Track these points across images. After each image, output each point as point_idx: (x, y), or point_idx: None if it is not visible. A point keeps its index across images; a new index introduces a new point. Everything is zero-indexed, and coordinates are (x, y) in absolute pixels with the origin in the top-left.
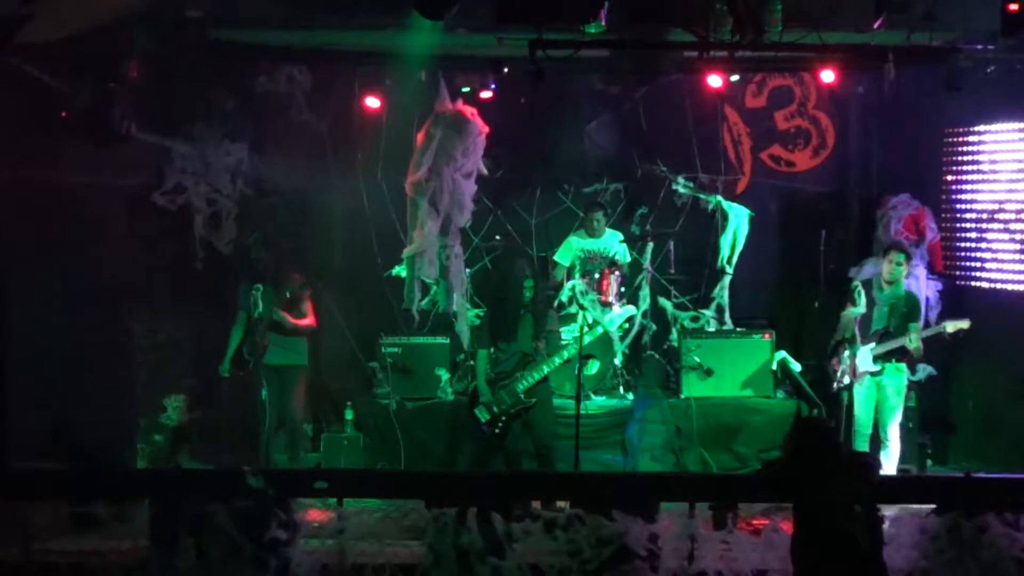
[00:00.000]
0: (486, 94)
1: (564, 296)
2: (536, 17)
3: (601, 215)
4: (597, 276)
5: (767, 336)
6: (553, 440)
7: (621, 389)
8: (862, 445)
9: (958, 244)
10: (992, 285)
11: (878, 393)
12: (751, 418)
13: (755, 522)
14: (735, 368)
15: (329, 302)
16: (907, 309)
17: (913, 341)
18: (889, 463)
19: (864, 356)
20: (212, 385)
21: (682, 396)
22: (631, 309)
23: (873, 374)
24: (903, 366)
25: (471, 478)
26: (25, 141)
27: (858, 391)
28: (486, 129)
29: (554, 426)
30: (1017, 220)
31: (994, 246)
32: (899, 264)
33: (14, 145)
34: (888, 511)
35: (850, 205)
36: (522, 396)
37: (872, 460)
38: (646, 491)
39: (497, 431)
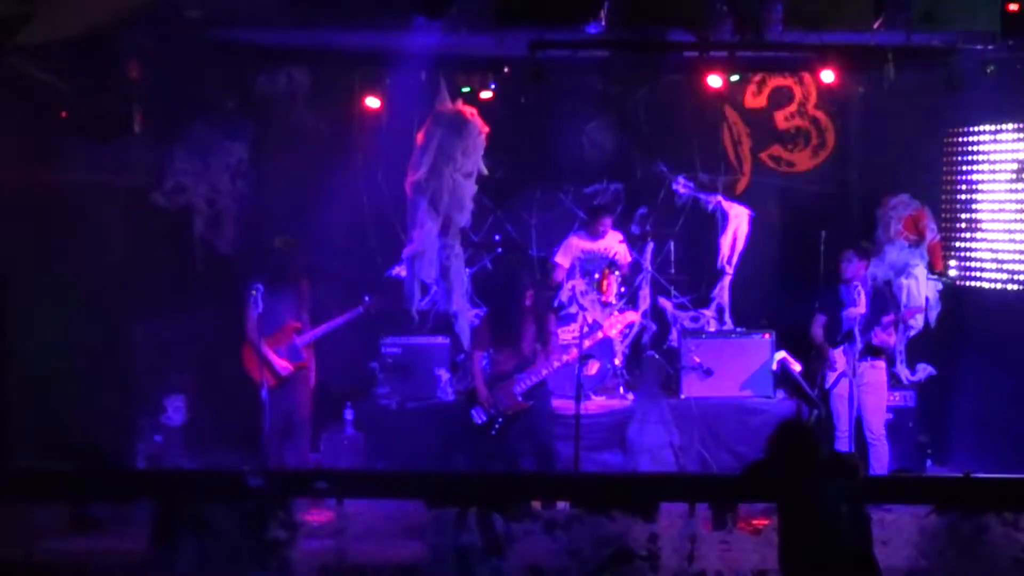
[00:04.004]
0: (486, 94)
1: (564, 296)
2: (536, 17)
3: (608, 220)
4: (597, 276)
5: (767, 336)
6: (551, 442)
7: (621, 389)
8: (841, 446)
9: (958, 244)
10: (992, 285)
11: (858, 392)
12: (751, 418)
13: (755, 522)
14: (735, 368)
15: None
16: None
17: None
18: (879, 465)
19: (838, 356)
20: (212, 385)
21: (682, 396)
22: (631, 315)
23: (847, 373)
24: (880, 362)
25: (471, 478)
26: (25, 141)
27: (833, 396)
28: (486, 129)
29: (552, 428)
30: (1017, 220)
31: (994, 246)
32: (848, 260)
33: (14, 145)
34: (888, 511)
35: (850, 205)
36: (519, 398)
37: (856, 459)
38: (646, 491)
39: (494, 432)
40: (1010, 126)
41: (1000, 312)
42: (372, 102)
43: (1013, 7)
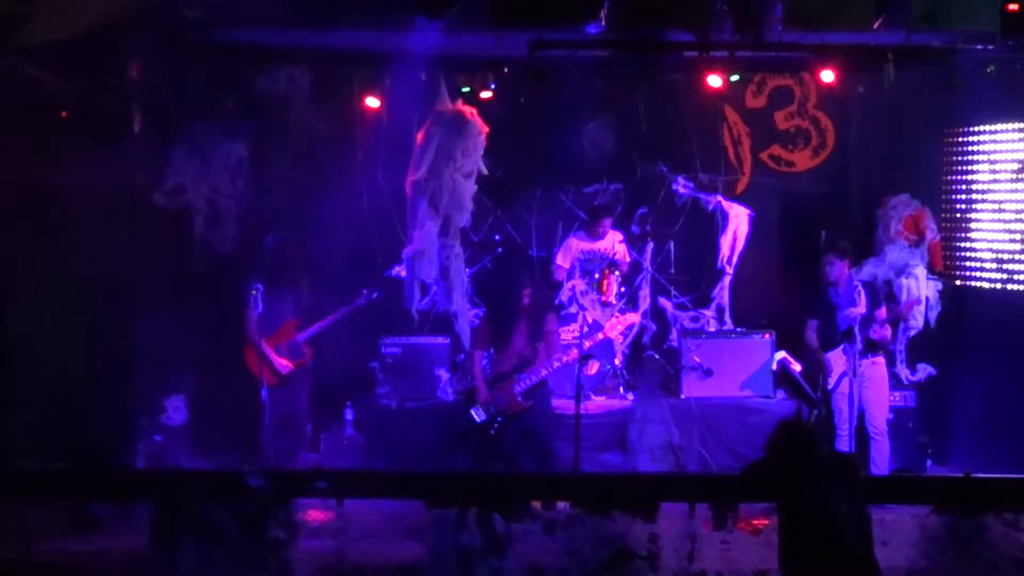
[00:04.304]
0: (486, 94)
1: (564, 296)
2: (536, 17)
3: (609, 220)
4: (597, 276)
5: (767, 336)
6: (550, 442)
7: (621, 389)
8: (843, 444)
9: (958, 244)
10: (992, 285)
11: (859, 389)
12: (751, 418)
13: (755, 522)
14: (735, 368)
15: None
16: (870, 300)
17: None
18: (880, 458)
19: (837, 357)
20: (212, 385)
21: (682, 396)
22: (632, 317)
23: (848, 372)
24: (880, 358)
25: (471, 478)
26: (25, 141)
27: (835, 395)
28: (486, 129)
29: (551, 428)
30: (1017, 220)
31: (994, 246)
32: (831, 264)
33: (14, 145)
34: (888, 511)
35: (850, 205)
36: (519, 398)
37: (856, 459)
38: (646, 491)
39: (493, 432)
40: (1010, 126)
41: (1000, 312)
42: (372, 102)
43: (1013, 7)
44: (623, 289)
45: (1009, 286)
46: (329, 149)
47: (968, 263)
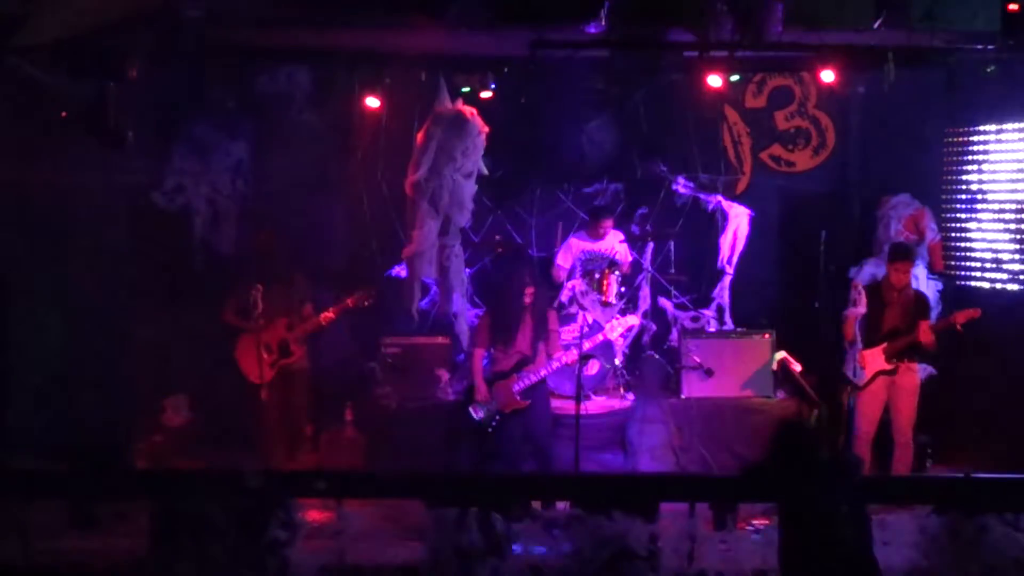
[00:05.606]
0: (486, 94)
1: (564, 296)
2: (536, 17)
3: (610, 221)
4: (597, 276)
5: (767, 336)
6: (549, 441)
7: (621, 389)
8: (863, 448)
9: (958, 244)
10: (992, 285)
11: (891, 392)
12: (751, 418)
13: (755, 522)
14: (735, 368)
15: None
16: (917, 308)
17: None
18: (902, 467)
19: (876, 356)
20: (212, 385)
21: (682, 396)
22: (632, 319)
23: (886, 372)
24: (915, 364)
25: (471, 478)
26: (25, 141)
27: (865, 394)
28: (486, 129)
29: (550, 427)
30: (1017, 220)
31: (994, 246)
32: (906, 272)
33: (14, 145)
34: (888, 511)
35: (850, 205)
36: (517, 397)
37: (856, 459)
38: (646, 491)
39: (491, 430)
40: (1010, 126)
41: (1000, 312)
42: (372, 102)
43: (1013, 7)
44: (623, 289)
45: (1009, 286)
46: (329, 149)
47: (968, 263)
